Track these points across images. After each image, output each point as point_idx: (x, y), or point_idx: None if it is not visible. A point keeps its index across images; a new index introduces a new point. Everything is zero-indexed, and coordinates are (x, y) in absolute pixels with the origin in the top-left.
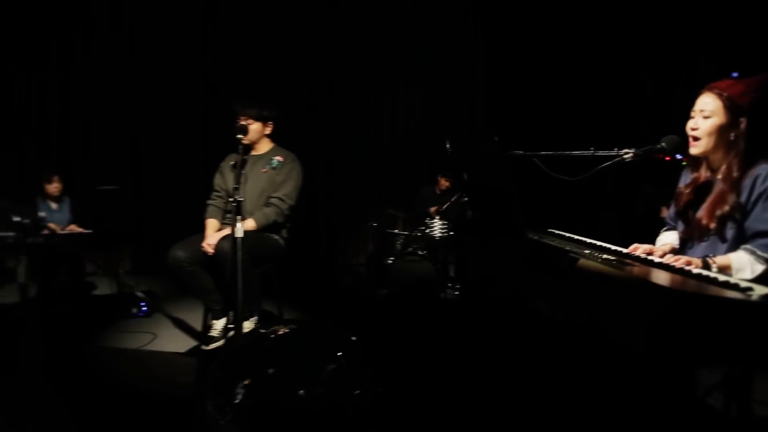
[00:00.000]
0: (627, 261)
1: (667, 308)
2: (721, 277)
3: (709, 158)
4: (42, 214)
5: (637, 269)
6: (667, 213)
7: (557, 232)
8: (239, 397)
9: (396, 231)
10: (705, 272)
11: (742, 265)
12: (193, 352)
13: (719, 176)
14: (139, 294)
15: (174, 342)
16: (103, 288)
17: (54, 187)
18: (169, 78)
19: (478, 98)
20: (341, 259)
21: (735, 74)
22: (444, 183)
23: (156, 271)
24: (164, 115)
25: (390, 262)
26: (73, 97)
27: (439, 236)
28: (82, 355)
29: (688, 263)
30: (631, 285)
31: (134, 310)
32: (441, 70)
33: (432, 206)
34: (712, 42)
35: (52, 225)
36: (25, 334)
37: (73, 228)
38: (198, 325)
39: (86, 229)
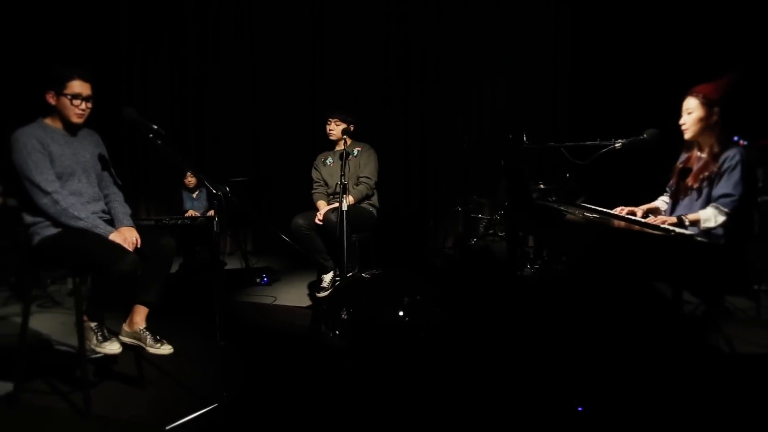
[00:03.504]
0: (598, 216)
1: (595, 236)
2: (663, 226)
3: (699, 142)
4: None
5: (600, 219)
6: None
7: (583, 204)
8: (343, 316)
9: (480, 215)
10: (649, 222)
11: (708, 216)
12: (306, 307)
13: (704, 153)
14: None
15: (291, 302)
16: (233, 263)
17: (190, 180)
18: (282, 90)
19: (561, 93)
20: (432, 242)
21: None
22: None
23: (273, 251)
24: (279, 121)
25: (473, 242)
26: (207, 108)
27: None
28: (224, 307)
29: (663, 222)
30: (586, 226)
31: (258, 280)
32: (524, 66)
33: None
34: None
35: (192, 211)
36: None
37: (212, 213)
38: (308, 292)
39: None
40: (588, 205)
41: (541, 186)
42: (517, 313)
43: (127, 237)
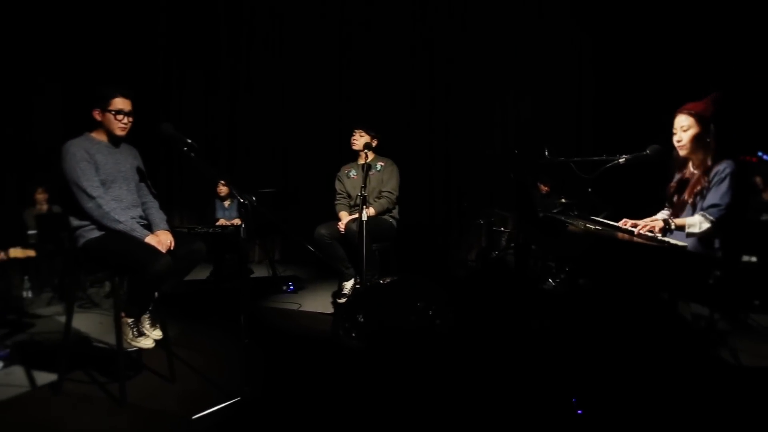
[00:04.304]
0: (600, 227)
1: (590, 245)
2: (657, 237)
3: (691, 159)
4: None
5: (599, 231)
6: None
7: (596, 218)
8: (360, 320)
9: (502, 229)
10: (646, 232)
11: (694, 222)
12: (329, 313)
13: (697, 169)
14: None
15: (314, 308)
16: (260, 272)
17: (222, 190)
18: (310, 105)
19: (585, 108)
20: (455, 254)
21: None
22: (543, 188)
23: (300, 260)
24: (307, 135)
25: (494, 255)
26: (239, 122)
27: None
28: (250, 308)
29: (652, 228)
30: (584, 236)
31: (284, 288)
32: (548, 81)
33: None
34: None
35: (223, 220)
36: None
37: (236, 222)
38: (332, 300)
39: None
40: (597, 219)
41: (563, 200)
42: (525, 321)
43: (162, 240)
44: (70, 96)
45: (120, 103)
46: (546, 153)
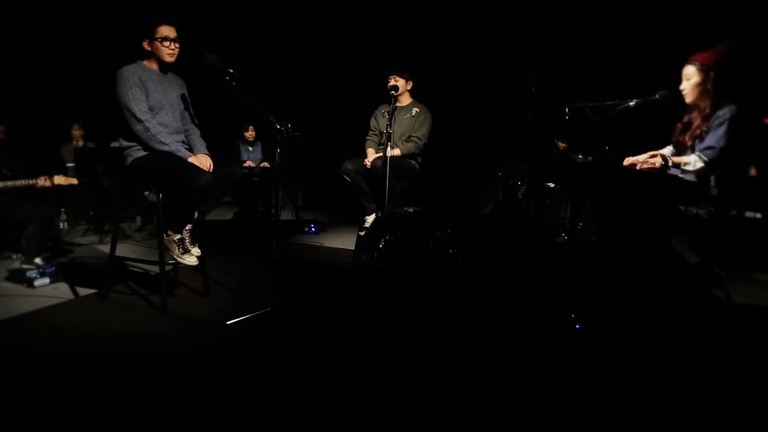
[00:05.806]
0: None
1: (588, 172)
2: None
3: (698, 105)
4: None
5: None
6: None
7: None
8: (381, 245)
9: (519, 183)
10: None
11: (689, 161)
12: (350, 249)
13: (699, 115)
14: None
15: (335, 245)
16: (284, 215)
17: (250, 134)
18: (336, 51)
19: (610, 71)
20: (471, 206)
21: None
22: (561, 145)
23: (321, 206)
24: (331, 78)
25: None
26: (265, 69)
27: (553, 186)
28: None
29: (653, 165)
30: (587, 165)
31: (306, 229)
32: (574, 37)
33: None
34: None
35: (249, 162)
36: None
37: (265, 165)
38: (350, 240)
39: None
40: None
41: (580, 157)
42: (533, 258)
43: (202, 161)
44: (104, 43)
45: (165, 30)
46: (567, 110)
